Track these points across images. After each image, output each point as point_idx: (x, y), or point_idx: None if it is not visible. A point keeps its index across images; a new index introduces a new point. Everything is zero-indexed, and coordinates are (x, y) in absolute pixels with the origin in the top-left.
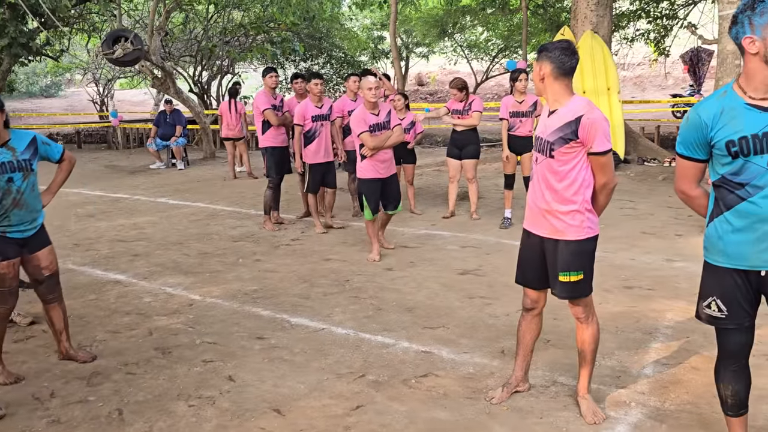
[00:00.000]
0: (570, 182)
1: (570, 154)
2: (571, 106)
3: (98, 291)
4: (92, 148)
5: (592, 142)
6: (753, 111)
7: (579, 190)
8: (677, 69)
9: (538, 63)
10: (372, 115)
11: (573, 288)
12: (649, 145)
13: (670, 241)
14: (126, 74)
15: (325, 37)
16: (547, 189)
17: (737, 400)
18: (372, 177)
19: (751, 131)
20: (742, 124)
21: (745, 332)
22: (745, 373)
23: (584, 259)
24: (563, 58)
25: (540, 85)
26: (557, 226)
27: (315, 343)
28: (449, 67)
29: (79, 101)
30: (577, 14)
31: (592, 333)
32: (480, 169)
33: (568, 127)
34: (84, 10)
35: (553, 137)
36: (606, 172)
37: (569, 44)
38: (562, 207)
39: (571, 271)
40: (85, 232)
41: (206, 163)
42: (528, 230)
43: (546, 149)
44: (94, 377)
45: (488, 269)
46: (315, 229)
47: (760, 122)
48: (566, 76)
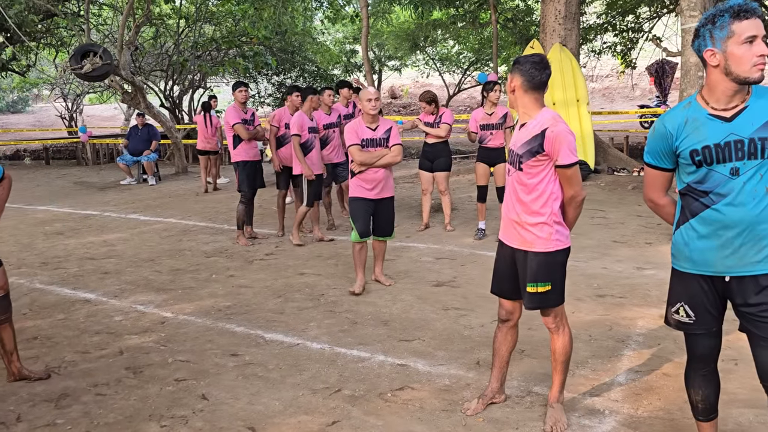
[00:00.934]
0: (538, 195)
1: (538, 167)
2: (539, 119)
3: (67, 310)
4: (61, 165)
5: (557, 155)
6: (715, 121)
7: (547, 203)
8: (644, 80)
9: (511, 75)
10: (368, 129)
11: (541, 299)
12: (619, 155)
13: (640, 250)
14: (95, 89)
15: (297, 51)
16: (516, 201)
17: (707, 405)
18: (358, 196)
19: (713, 140)
20: (705, 133)
21: (713, 337)
22: (714, 378)
23: (552, 270)
24: (533, 72)
25: (511, 97)
26: (526, 238)
27: (290, 359)
28: (422, 79)
29: (47, 117)
30: (545, 28)
31: (563, 343)
32: (453, 181)
33: (534, 140)
34: (51, 24)
35: (521, 150)
36: (572, 185)
37: (541, 58)
38: (531, 219)
39: (539, 282)
40: (53, 250)
41: (178, 178)
42: (502, 241)
43: (515, 162)
44: (62, 399)
45: (463, 281)
46: (292, 240)
47: (722, 132)
48: (536, 90)
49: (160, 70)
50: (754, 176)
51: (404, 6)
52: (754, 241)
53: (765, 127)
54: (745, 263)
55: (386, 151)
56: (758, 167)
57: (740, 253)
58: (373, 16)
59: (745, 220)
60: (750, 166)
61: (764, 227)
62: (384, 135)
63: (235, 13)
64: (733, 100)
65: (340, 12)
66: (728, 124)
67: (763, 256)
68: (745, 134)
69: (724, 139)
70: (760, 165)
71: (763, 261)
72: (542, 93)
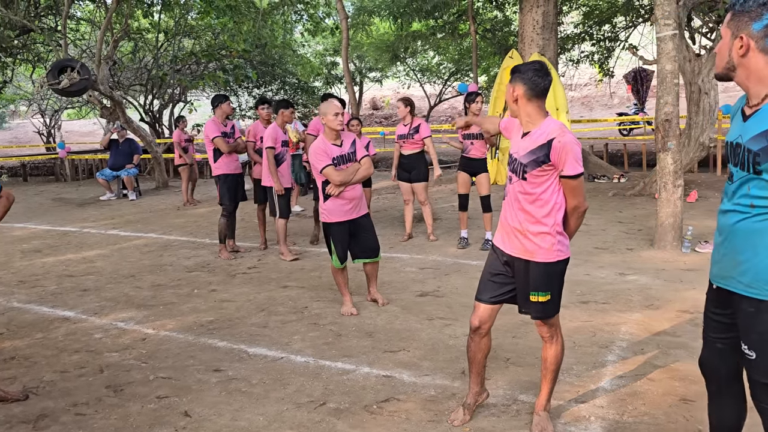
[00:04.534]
0: (542, 204)
1: (542, 176)
2: (544, 128)
3: (45, 329)
4: (39, 181)
5: (563, 165)
6: (738, 117)
7: (551, 213)
8: (621, 89)
9: (511, 84)
10: (334, 146)
11: (541, 308)
12: (599, 162)
13: (621, 256)
14: (74, 104)
15: (278, 64)
16: (519, 210)
17: (712, 426)
18: (339, 220)
19: (730, 138)
20: (732, 127)
21: (715, 351)
22: (722, 402)
23: (553, 280)
24: (536, 80)
25: (514, 107)
26: (528, 247)
27: (274, 373)
28: (403, 90)
29: (24, 133)
30: (524, 38)
31: (555, 352)
32: (436, 190)
33: (540, 150)
34: (28, 40)
35: (526, 159)
36: (576, 195)
37: (542, 65)
38: (534, 228)
39: (540, 291)
40: (31, 268)
41: (159, 193)
42: (498, 247)
43: (519, 171)
44: (40, 420)
45: (447, 290)
46: (284, 258)
47: (736, 130)
48: (539, 98)
49: (140, 85)
50: (742, 186)
51: (384, 18)
52: (731, 253)
53: (759, 138)
54: (723, 275)
55: (357, 165)
56: (745, 179)
57: (723, 262)
58: (353, 28)
59: (725, 227)
60: (739, 175)
61: (739, 241)
62: (351, 149)
63: (215, 27)
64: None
65: (320, 24)
66: (743, 123)
67: (738, 272)
68: (744, 139)
69: (735, 138)
70: (747, 178)
71: (736, 278)
72: (544, 100)
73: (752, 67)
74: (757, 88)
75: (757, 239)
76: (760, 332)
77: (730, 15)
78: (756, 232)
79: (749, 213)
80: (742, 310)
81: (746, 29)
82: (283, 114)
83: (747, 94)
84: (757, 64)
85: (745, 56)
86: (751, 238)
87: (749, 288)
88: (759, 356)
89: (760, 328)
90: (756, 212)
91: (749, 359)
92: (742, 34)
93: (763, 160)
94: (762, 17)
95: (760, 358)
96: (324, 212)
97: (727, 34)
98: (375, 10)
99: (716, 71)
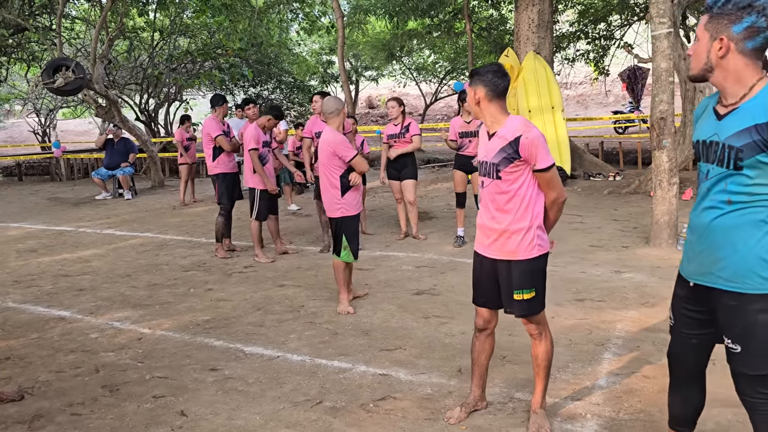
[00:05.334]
0: (519, 200)
1: (516, 172)
2: (509, 126)
3: (41, 329)
4: (34, 181)
5: (535, 159)
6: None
7: (528, 207)
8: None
9: (472, 88)
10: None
11: (527, 306)
12: (594, 160)
13: (617, 253)
14: (69, 104)
15: (273, 63)
16: (497, 210)
17: (674, 413)
18: (355, 213)
19: (704, 136)
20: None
21: (687, 345)
22: (685, 392)
23: (536, 276)
24: (496, 81)
25: (476, 109)
26: (509, 246)
27: (270, 372)
28: (399, 89)
29: (19, 132)
30: (519, 36)
31: (545, 349)
32: (432, 188)
33: (510, 147)
34: (22, 39)
35: (497, 158)
36: (553, 187)
37: (499, 66)
38: (515, 226)
39: (524, 289)
40: (26, 267)
41: (155, 192)
42: (480, 253)
43: (492, 171)
44: (36, 420)
45: (443, 288)
46: (259, 260)
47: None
48: (500, 98)
49: (135, 84)
50: (719, 183)
51: (380, 16)
52: (709, 250)
53: (742, 134)
54: (701, 272)
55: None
56: (723, 176)
57: (700, 259)
58: (349, 26)
59: (702, 224)
60: (716, 172)
61: (717, 237)
62: (358, 145)
63: (210, 26)
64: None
65: (315, 23)
66: (718, 122)
67: (716, 268)
68: (722, 137)
69: (709, 137)
70: (725, 174)
71: (716, 274)
72: (505, 100)
73: (731, 68)
74: (734, 88)
75: (735, 235)
76: (743, 325)
77: (708, 17)
78: (734, 228)
79: (726, 209)
80: (723, 305)
81: (726, 32)
82: (269, 119)
83: (723, 93)
84: (736, 65)
85: (723, 58)
86: (730, 234)
87: (730, 282)
88: (744, 349)
89: (742, 321)
90: (733, 208)
91: (734, 353)
92: (722, 36)
93: (747, 156)
94: (742, 20)
95: (744, 350)
96: (343, 206)
97: (705, 37)
98: (371, 9)
99: (692, 72)
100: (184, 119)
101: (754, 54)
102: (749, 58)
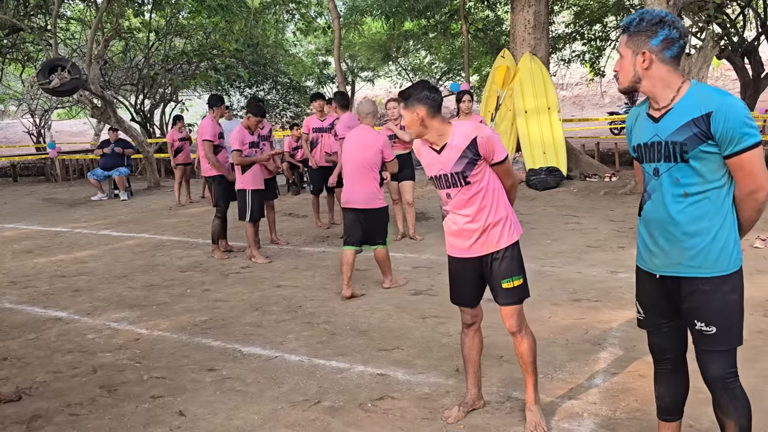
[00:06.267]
0: (491, 194)
1: (480, 172)
2: (458, 133)
3: (37, 330)
4: (29, 182)
5: (493, 155)
6: (647, 120)
7: (500, 198)
8: (612, 88)
9: (410, 109)
10: None
11: (516, 292)
12: (590, 161)
13: (613, 254)
14: (64, 104)
15: (269, 63)
16: (477, 212)
17: (663, 404)
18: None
19: (643, 140)
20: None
21: (663, 335)
22: (671, 379)
23: (519, 261)
24: (433, 96)
25: (420, 129)
26: (492, 240)
27: (268, 372)
28: (395, 90)
29: (14, 133)
30: (515, 37)
31: (529, 343)
32: (428, 189)
33: (468, 151)
34: (17, 39)
35: (460, 166)
36: (511, 175)
37: (427, 82)
38: (494, 218)
39: (514, 276)
40: (22, 268)
41: (151, 193)
42: (458, 257)
43: (458, 180)
44: (34, 421)
45: (440, 288)
46: (255, 261)
47: (649, 132)
48: (439, 111)
49: (131, 84)
50: (670, 178)
51: (376, 17)
52: (675, 242)
53: (683, 129)
54: (667, 264)
55: None
56: (672, 169)
57: (664, 252)
58: (345, 27)
59: (661, 219)
60: (666, 167)
61: (682, 229)
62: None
63: (206, 26)
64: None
65: (311, 24)
66: (655, 124)
67: (686, 257)
68: (663, 136)
69: (650, 139)
70: (674, 167)
71: (683, 264)
72: (441, 112)
73: (657, 76)
74: (664, 92)
75: (700, 223)
76: (716, 307)
77: (627, 37)
78: (698, 218)
79: (685, 202)
80: (695, 290)
81: (646, 46)
82: (250, 119)
83: (653, 99)
84: (660, 73)
85: (648, 68)
86: (695, 224)
87: (701, 270)
88: (719, 328)
89: (716, 303)
90: (691, 200)
91: (708, 334)
92: (643, 50)
93: (691, 148)
94: (657, 34)
95: (720, 329)
96: (381, 198)
97: (628, 53)
98: (367, 10)
99: (622, 86)
100: (176, 119)
101: (673, 61)
102: (669, 65)
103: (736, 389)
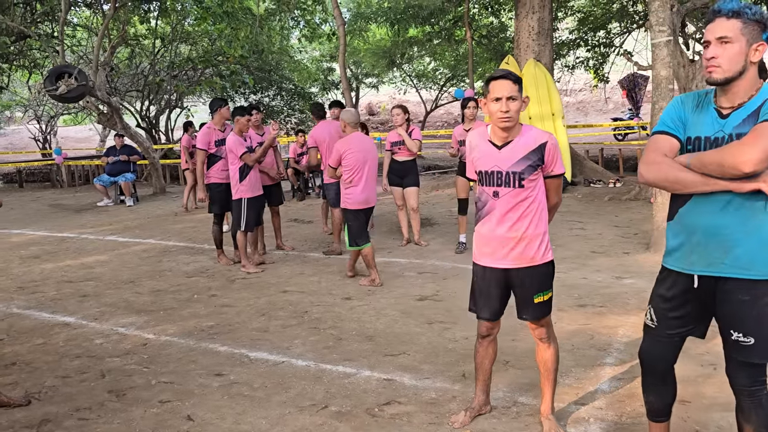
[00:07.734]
0: (537, 205)
1: (535, 180)
2: (528, 134)
3: (46, 335)
4: (35, 187)
5: (554, 165)
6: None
7: (542, 213)
8: (616, 94)
9: (522, 98)
10: None
11: (546, 307)
12: (594, 167)
13: (618, 259)
14: (70, 110)
15: (274, 70)
16: (519, 218)
17: (651, 408)
18: None
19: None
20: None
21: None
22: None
23: (552, 277)
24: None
25: (517, 117)
26: (528, 254)
27: (275, 377)
28: (399, 96)
29: (20, 139)
30: (519, 44)
31: (553, 352)
32: (433, 195)
33: (534, 154)
34: (24, 46)
35: (520, 167)
36: (559, 193)
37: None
38: (535, 231)
39: (545, 290)
40: (29, 274)
41: (156, 199)
42: (488, 266)
43: (514, 180)
44: (43, 425)
45: (446, 294)
46: (247, 271)
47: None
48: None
49: (136, 91)
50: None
51: (380, 24)
52: (721, 240)
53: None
54: (709, 262)
55: None
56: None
57: (706, 250)
58: (350, 34)
59: (701, 220)
60: None
61: (732, 227)
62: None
63: (212, 33)
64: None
65: (316, 30)
66: (720, 120)
67: (732, 257)
68: (727, 131)
69: (715, 133)
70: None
71: (727, 263)
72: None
73: (754, 70)
74: (748, 89)
75: (749, 222)
76: (756, 317)
77: (741, 23)
78: (748, 217)
79: (734, 199)
80: (734, 300)
81: (761, 37)
82: (239, 122)
83: (733, 93)
84: (755, 69)
85: (755, 62)
86: (743, 222)
87: (744, 270)
88: (758, 340)
89: (756, 313)
90: (742, 197)
91: (746, 345)
92: (761, 41)
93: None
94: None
95: (758, 341)
96: None
97: (742, 41)
98: (372, 17)
99: (722, 76)
100: (188, 126)
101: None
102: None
103: (762, 397)
